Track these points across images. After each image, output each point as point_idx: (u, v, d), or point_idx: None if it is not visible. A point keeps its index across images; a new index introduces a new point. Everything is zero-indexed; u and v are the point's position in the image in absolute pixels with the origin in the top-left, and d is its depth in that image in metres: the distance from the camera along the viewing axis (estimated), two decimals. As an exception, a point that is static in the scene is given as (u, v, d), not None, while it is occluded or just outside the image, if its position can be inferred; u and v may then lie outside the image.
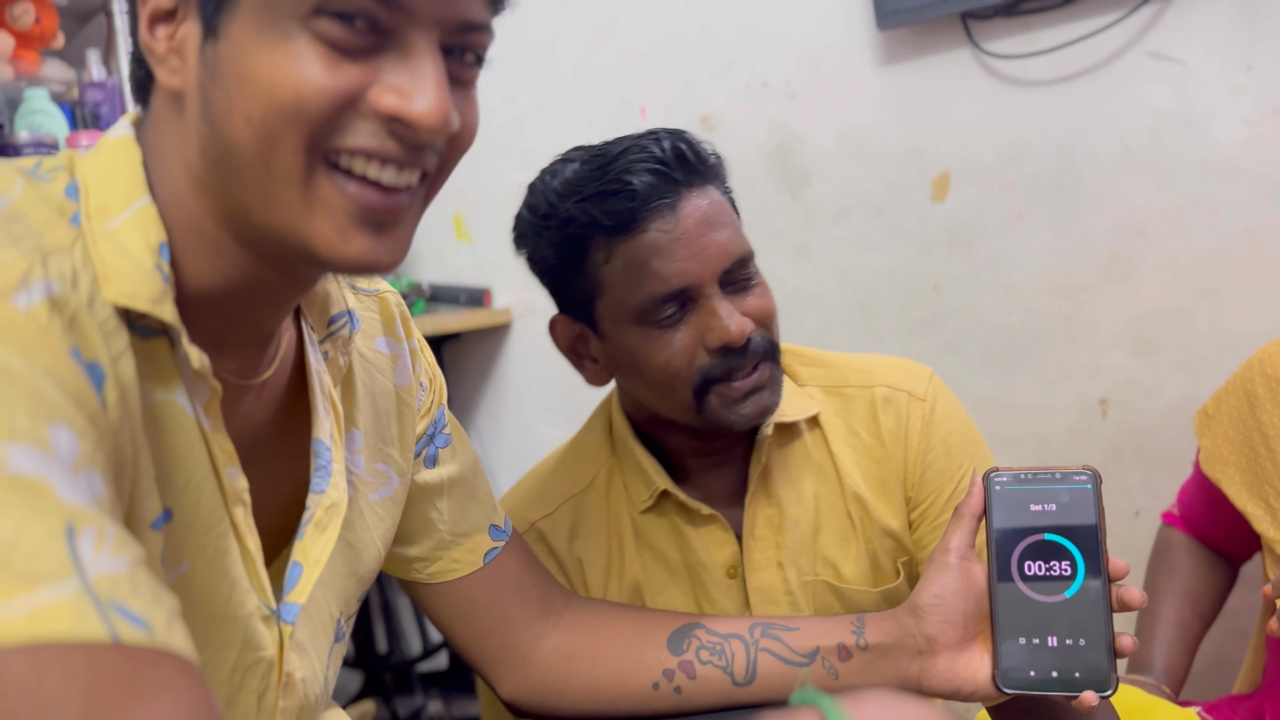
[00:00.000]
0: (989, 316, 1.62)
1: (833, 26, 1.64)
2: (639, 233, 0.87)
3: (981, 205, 1.60)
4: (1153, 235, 1.52)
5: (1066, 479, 0.77)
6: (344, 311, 0.73)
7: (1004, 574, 0.76)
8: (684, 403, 0.90)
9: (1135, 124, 1.51)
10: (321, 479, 0.69)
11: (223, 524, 0.62)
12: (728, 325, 0.87)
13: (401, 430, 0.81)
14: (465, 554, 0.86)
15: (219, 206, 0.57)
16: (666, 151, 0.88)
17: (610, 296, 0.90)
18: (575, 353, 0.98)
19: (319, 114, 0.52)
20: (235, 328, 0.63)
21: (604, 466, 1.02)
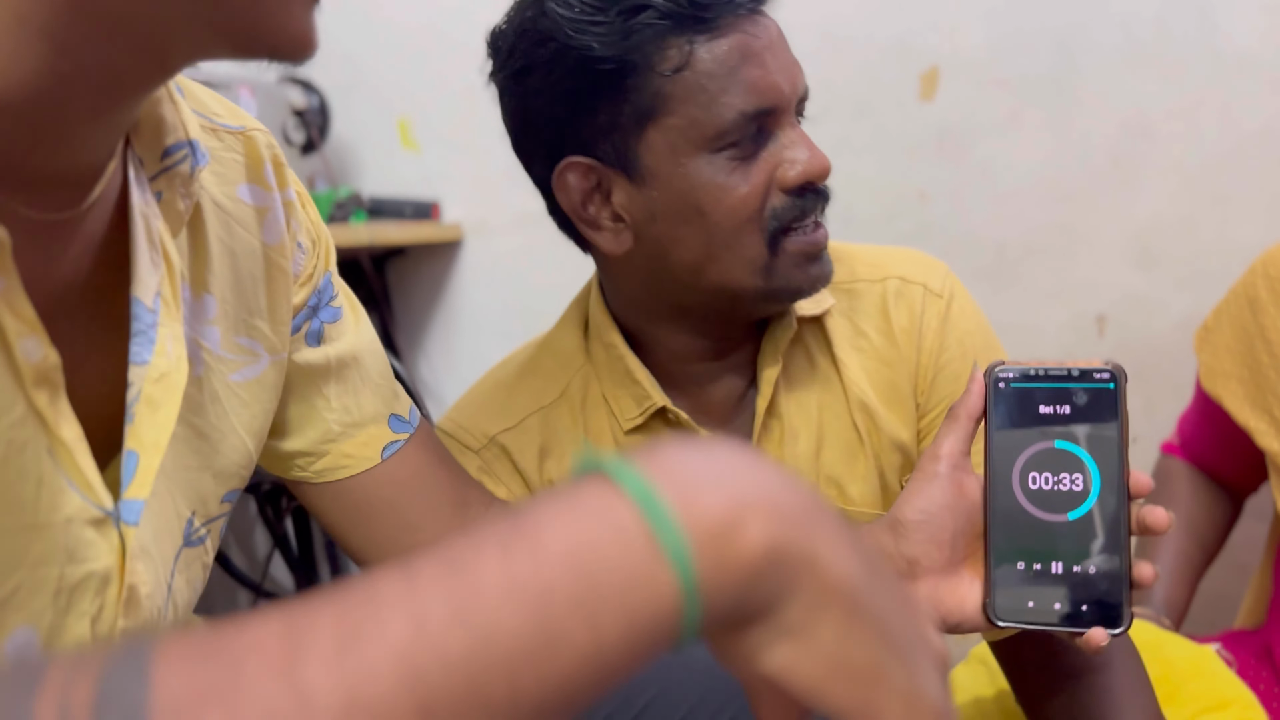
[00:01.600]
0: (979, 227, 1.51)
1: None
2: (726, 32, 0.73)
3: (972, 104, 1.48)
4: (1158, 137, 1.41)
5: (1085, 377, 0.65)
6: (183, 142, 0.59)
7: (1003, 486, 0.64)
8: (753, 257, 0.77)
9: (1140, 13, 1.39)
10: (143, 346, 0.56)
11: (15, 410, 0.49)
12: (814, 156, 0.76)
13: (272, 299, 0.68)
14: (359, 448, 0.73)
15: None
16: None
17: (674, 117, 0.75)
18: (585, 212, 0.80)
19: None
20: (42, 150, 0.49)
21: (578, 375, 0.89)
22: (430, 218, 1.75)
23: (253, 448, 0.67)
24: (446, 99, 1.75)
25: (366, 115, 1.83)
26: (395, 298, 1.90)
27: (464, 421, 0.89)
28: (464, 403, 0.93)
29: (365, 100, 1.82)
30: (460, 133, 1.75)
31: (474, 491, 0.79)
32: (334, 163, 1.81)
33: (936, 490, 0.67)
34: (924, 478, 0.68)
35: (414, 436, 0.76)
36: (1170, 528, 0.64)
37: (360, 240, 1.56)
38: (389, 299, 1.88)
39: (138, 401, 0.55)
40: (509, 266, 1.76)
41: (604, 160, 0.78)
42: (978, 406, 0.67)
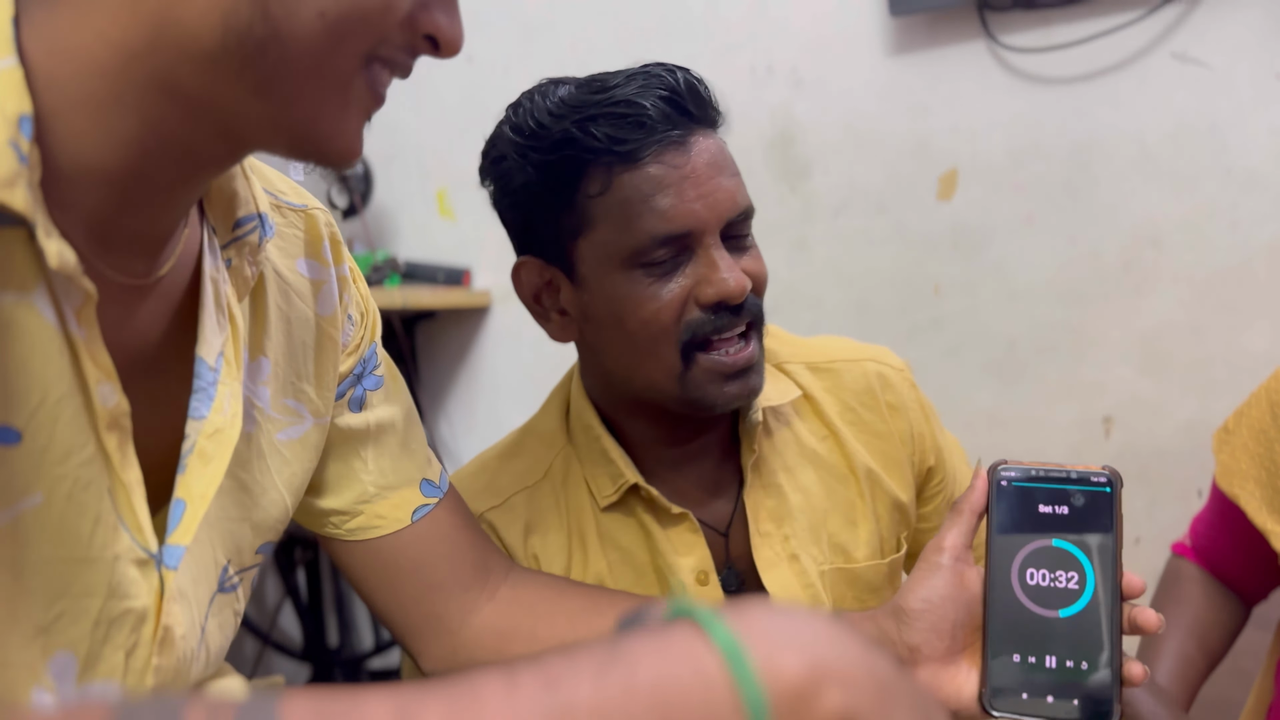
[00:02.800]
0: (991, 324, 1.54)
1: (843, 11, 1.57)
2: (645, 163, 0.78)
3: (989, 206, 1.52)
4: (1168, 246, 1.44)
5: (1082, 480, 0.67)
6: (254, 214, 0.65)
7: (1002, 581, 0.67)
8: (667, 366, 0.81)
9: (1155, 128, 1.44)
10: (202, 403, 0.60)
11: (87, 450, 0.53)
12: (727, 278, 0.79)
13: (320, 365, 0.72)
14: (391, 510, 0.77)
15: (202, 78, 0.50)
16: (680, 84, 0.80)
17: (598, 234, 0.81)
18: (540, 302, 0.87)
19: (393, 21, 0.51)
20: (131, 213, 0.54)
21: (559, 456, 0.92)
22: (461, 284, 1.81)
23: (290, 503, 0.70)
24: (484, 172, 1.80)
25: (407, 184, 1.90)
26: (422, 358, 1.94)
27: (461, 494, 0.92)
28: (465, 472, 0.96)
29: (407, 169, 1.89)
30: (495, 205, 1.81)
31: (495, 557, 0.82)
32: (373, 227, 1.88)
33: (939, 581, 0.70)
34: (928, 568, 0.71)
35: (443, 501, 0.80)
36: (1161, 629, 0.66)
37: (394, 303, 1.61)
38: (416, 359, 1.93)
39: (191, 454, 0.59)
40: (532, 334, 1.79)
41: (550, 261, 0.84)
42: (980, 502, 0.70)
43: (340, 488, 0.76)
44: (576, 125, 0.79)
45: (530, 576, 0.83)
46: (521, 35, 1.78)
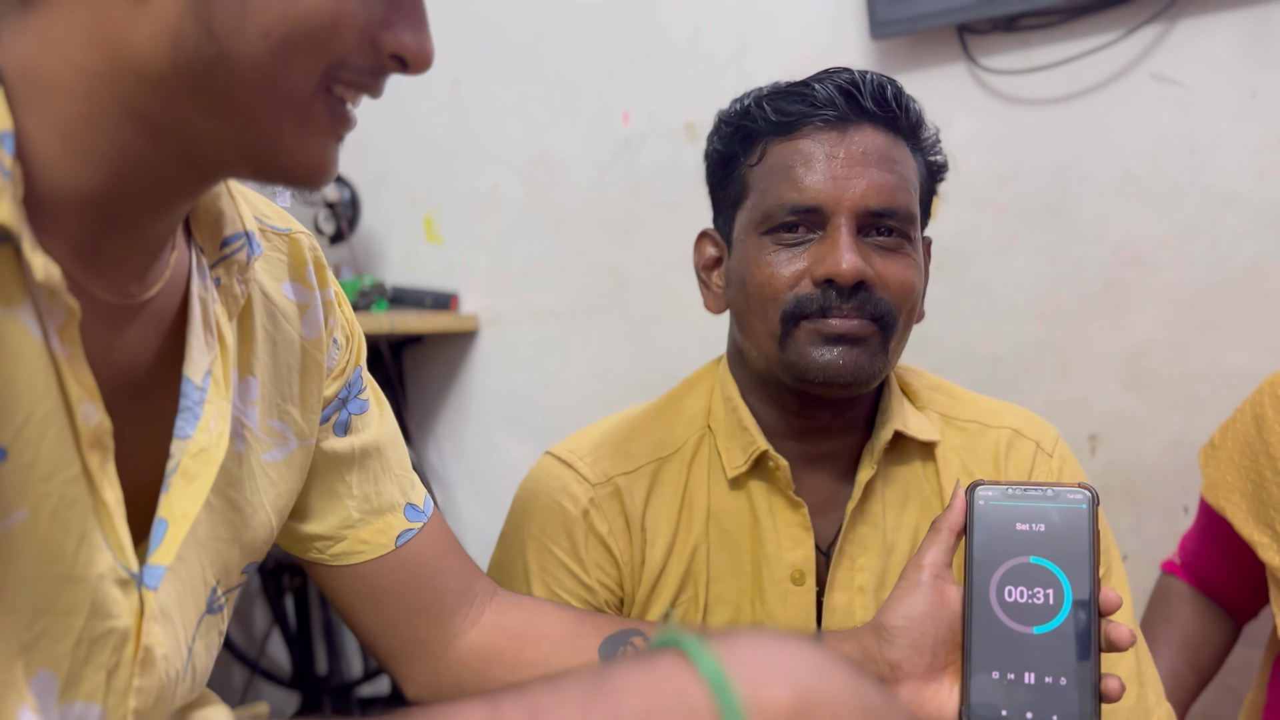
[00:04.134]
0: (975, 344, 1.55)
1: (824, 35, 1.58)
2: (798, 137, 0.85)
3: (972, 227, 1.53)
4: (1150, 265, 1.45)
5: (1059, 497, 0.68)
6: (240, 233, 0.65)
7: (981, 599, 0.67)
8: (770, 331, 0.84)
9: (1135, 148, 1.45)
10: (187, 422, 0.60)
11: (71, 469, 0.53)
12: (839, 259, 0.81)
13: (305, 388, 0.72)
14: (375, 535, 0.77)
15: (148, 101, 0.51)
16: (869, 83, 0.84)
17: (749, 201, 0.87)
18: (706, 271, 0.95)
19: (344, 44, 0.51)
20: (113, 235, 0.55)
21: (697, 435, 0.94)
22: (449, 308, 1.81)
23: (275, 525, 0.71)
24: (471, 197, 1.82)
25: (394, 208, 1.90)
26: (410, 383, 1.94)
27: (585, 455, 0.94)
28: (589, 435, 0.97)
29: (394, 194, 1.90)
30: (481, 229, 1.82)
31: (480, 581, 0.82)
32: (360, 253, 1.88)
33: (919, 598, 0.70)
34: (908, 586, 0.71)
35: (426, 526, 0.80)
36: (1133, 645, 0.67)
37: (381, 328, 1.61)
38: (404, 384, 1.92)
39: (175, 473, 0.59)
40: (520, 358, 1.81)
41: (720, 232, 0.93)
42: (959, 521, 0.71)
43: (324, 512, 0.76)
44: (755, 103, 0.87)
45: (515, 600, 0.83)
46: (507, 61, 1.79)
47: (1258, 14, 1.38)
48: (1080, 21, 1.45)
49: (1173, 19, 1.41)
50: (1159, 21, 1.42)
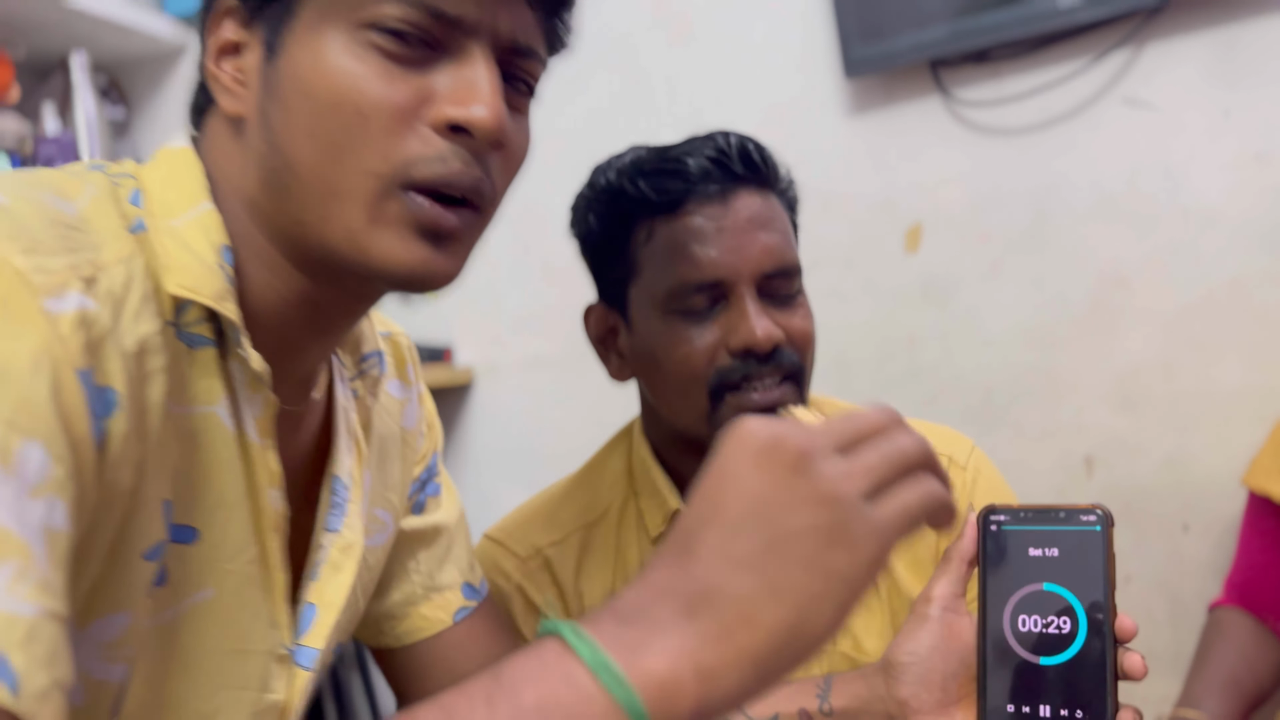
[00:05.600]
0: (966, 371, 1.55)
1: (800, 75, 1.61)
2: (684, 215, 0.85)
3: (956, 256, 1.55)
4: (1134, 286, 1.46)
5: (1071, 518, 0.66)
6: (375, 351, 0.73)
7: (995, 629, 0.65)
8: (697, 408, 0.85)
9: (1112, 171, 1.47)
10: (336, 517, 0.66)
11: (251, 550, 0.59)
12: (754, 326, 0.83)
13: (403, 475, 0.78)
14: (434, 611, 0.81)
15: (273, 225, 0.58)
16: (731, 146, 0.87)
17: (644, 279, 0.88)
18: (604, 343, 0.95)
19: (381, 130, 0.54)
20: (283, 353, 0.61)
21: (620, 496, 0.96)
22: (443, 361, 1.83)
23: (363, 606, 0.76)
24: (461, 250, 1.83)
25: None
26: (408, 438, 1.95)
27: (514, 531, 0.96)
28: (516, 514, 1.00)
29: (385, 251, 1.92)
30: (473, 281, 1.83)
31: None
32: (353, 310, 1.90)
33: (926, 633, 0.69)
34: (916, 620, 0.70)
35: (481, 605, 0.83)
36: (1145, 675, 0.64)
37: (375, 384, 1.62)
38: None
39: (325, 563, 0.65)
40: (517, 408, 1.82)
41: (611, 306, 0.93)
42: (970, 550, 0.69)
43: (392, 587, 0.80)
44: (629, 180, 0.88)
45: None
46: (491, 115, 1.81)
47: (1224, 35, 1.40)
48: (1050, 50, 1.48)
49: (1141, 43, 1.44)
50: (1127, 46, 1.44)
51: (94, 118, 1.78)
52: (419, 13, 0.55)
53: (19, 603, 0.39)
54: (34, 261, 0.46)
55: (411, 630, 0.80)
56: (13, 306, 0.44)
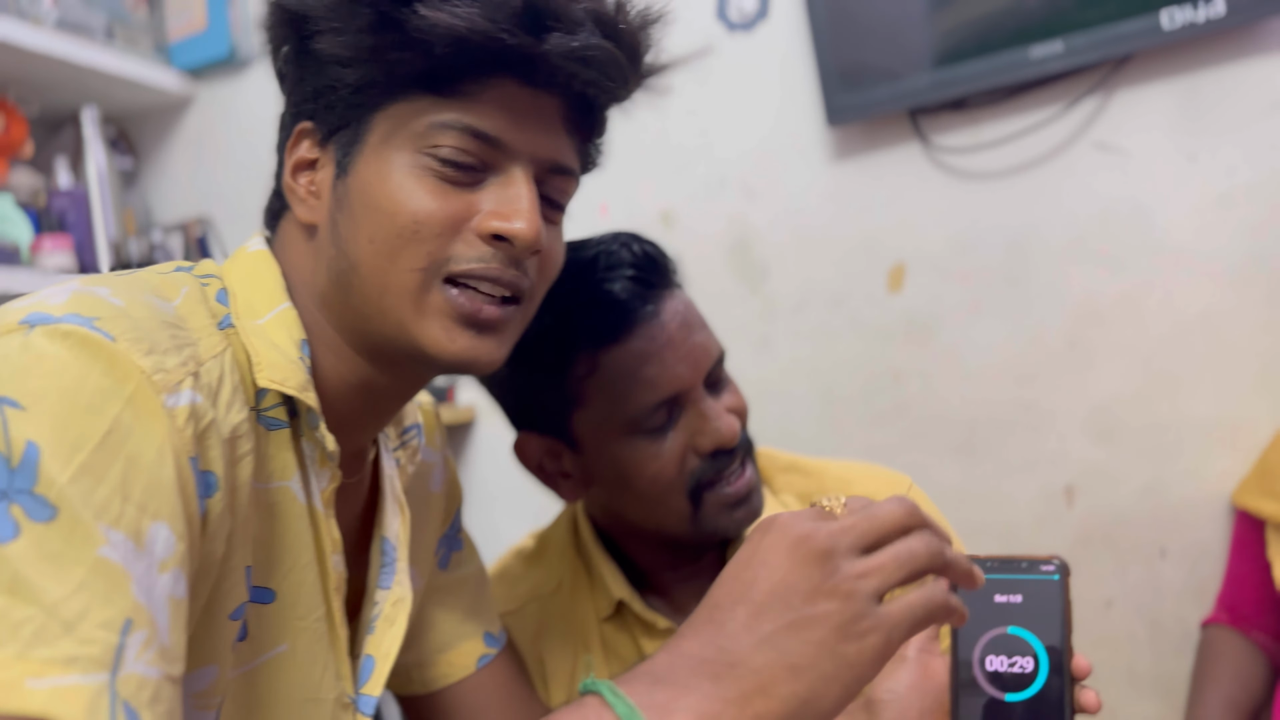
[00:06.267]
0: (950, 406, 1.61)
1: (785, 124, 1.68)
2: (625, 342, 0.85)
3: (937, 295, 1.61)
4: (1108, 322, 1.53)
5: (1033, 568, 0.73)
6: (415, 424, 0.80)
7: (965, 669, 0.72)
8: (679, 511, 0.88)
9: (1085, 213, 1.53)
10: (387, 575, 0.73)
11: (319, 609, 0.66)
12: (720, 427, 0.86)
13: (430, 534, 0.85)
14: (459, 658, 0.86)
15: (340, 318, 0.66)
16: (639, 256, 0.87)
17: (592, 409, 0.87)
18: (544, 470, 0.93)
19: (432, 235, 0.62)
20: (346, 431, 0.68)
21: (570, 569, 0.99)
22: (446, 400, 1.88)
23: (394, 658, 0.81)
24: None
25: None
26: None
27: None
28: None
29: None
30: (474, 322, 1.89)
31: (537, 705, 0.91)
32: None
33: (904, 672, 0.75)
34: (894, 661, 0.76)
35: (501, 653, 0.89)
36: (1099, 709, 0.72)
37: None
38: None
39: (380, 618, 0.72)
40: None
41: (548, 434, 0.91)
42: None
43: (420, 637, 0.86)
44: (557, 319, 0.84)
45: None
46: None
47: (1187, 83, 1.47)
48: (1024, 98, 1.54)
49: (1110, 91, 1.51)
50: (1097, 94, 1.51)
51: (105, 171, 1.84)
52: (470, 140, 0.63)
53: (147, 667, 0.46)
54: (153, 361, 0.53)
55: (438, 677, 0.86)
56: (139, 403, 0.51)
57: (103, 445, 0.49)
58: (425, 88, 0.63)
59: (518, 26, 0.61)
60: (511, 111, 0.64)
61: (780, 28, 1.67)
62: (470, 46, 0.60)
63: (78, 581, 0.45)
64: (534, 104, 0.65)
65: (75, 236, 1.77)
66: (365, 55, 0.62)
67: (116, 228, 1.84)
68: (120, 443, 0.50)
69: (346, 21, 0.62)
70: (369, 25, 0.61)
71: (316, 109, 0.67)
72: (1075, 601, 0.73)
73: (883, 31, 1.57)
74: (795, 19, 1.65)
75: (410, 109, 0.63)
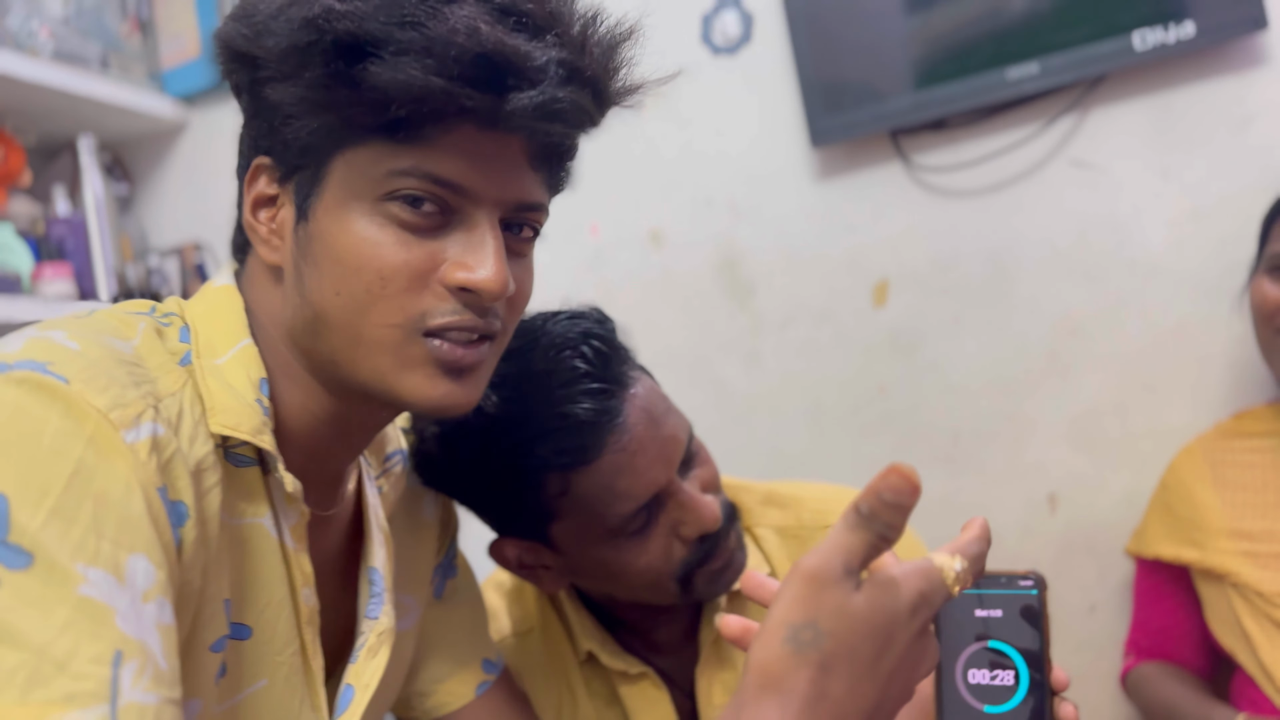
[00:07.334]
0: (934, 417, 1.65)
1: (769, 145, 1.71)
2: (595, 462, 0.81)
3: (920, 310, 1.65)
4: (1087, 334, 1.57)
5: (1011, 583, 0.75)
6: (398, 450, 0.81)
7: (949, 682, 0.74)
8: (669, 592, 0.87)
9: (1062, 229, 1.57)
10: (375, 605, 0.73)
11: (295, 643, 0.67)
12: (703, 516, 0.84)
13: (423, 562, 0.86)
14: (458, 685, 0.88)
15: (308, 358, 0.65)
16: (593, 360, 0.82)
17: (569, 521, 0.85)
18: (524, 565, 0.91)
19: (399, 290, 0.61)
20: (316, 463, 0.69)
21: (541, 614, 1.01)
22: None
23: (398, 686, 0.84)
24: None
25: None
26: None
27: None
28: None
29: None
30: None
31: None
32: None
33: None
34: None
35: (499, 678, 0.91)
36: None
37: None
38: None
39: (363, 648, 0.72)
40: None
41: (526, 537, 0.89)
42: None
43: (420, 666, 0.87)
44: (519, 447, 0.81)
45: None
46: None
47: (1160, 101, 1.51)
48: (1002, 117, 1.58)
49: (1086, 109, 1.55)
50: (1074, 112, 1.55)
51: (101, 198, 1.87)
52: (431, 185, 0.61)
53: (144, 694, 0.48)
54: (110, 398, 0.54)
55: (439, 705, 0.87)
56: (100, 443, 0.52)
57: (69, 487, 0.50)
58: (382, 134, 0.60)
59: (476, 84, 0.58)
60: (473, 156, 0.61)
61: (763, 51, 1.70)
62: (426, 102, 0.58)
63: (62, 622, 0.46)
64: (496, 147, 0.62)
65: (74, 264, 1.79)
66: (317, 107, 0.60)
67: (114, 254, 1.87)
68: (86, 483, 0.50)
69: (297, 73, 0.59)
70: (320, 79, 0.59)
71: (273, 145, 0.64)
72: (1058, 607, 0.75)
73: (863, 54, 1.61)
74: (778, 43, 1.69)
75: (368, 155, 0.61)
